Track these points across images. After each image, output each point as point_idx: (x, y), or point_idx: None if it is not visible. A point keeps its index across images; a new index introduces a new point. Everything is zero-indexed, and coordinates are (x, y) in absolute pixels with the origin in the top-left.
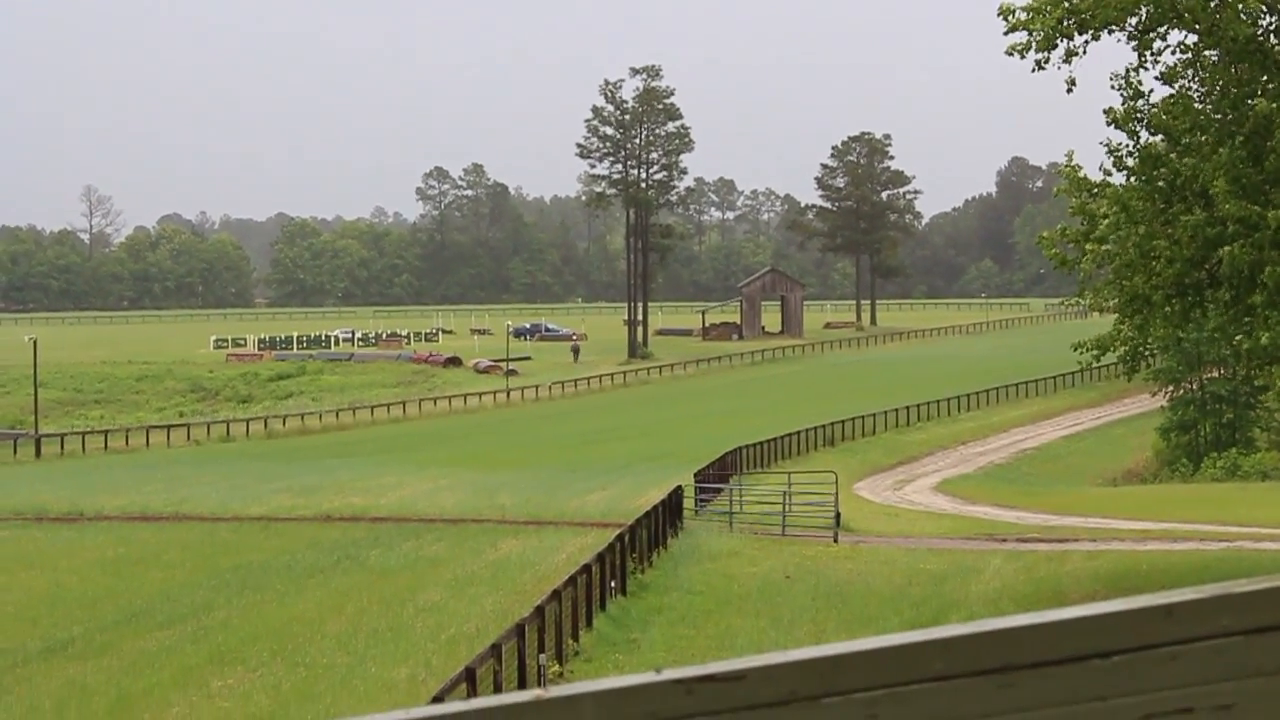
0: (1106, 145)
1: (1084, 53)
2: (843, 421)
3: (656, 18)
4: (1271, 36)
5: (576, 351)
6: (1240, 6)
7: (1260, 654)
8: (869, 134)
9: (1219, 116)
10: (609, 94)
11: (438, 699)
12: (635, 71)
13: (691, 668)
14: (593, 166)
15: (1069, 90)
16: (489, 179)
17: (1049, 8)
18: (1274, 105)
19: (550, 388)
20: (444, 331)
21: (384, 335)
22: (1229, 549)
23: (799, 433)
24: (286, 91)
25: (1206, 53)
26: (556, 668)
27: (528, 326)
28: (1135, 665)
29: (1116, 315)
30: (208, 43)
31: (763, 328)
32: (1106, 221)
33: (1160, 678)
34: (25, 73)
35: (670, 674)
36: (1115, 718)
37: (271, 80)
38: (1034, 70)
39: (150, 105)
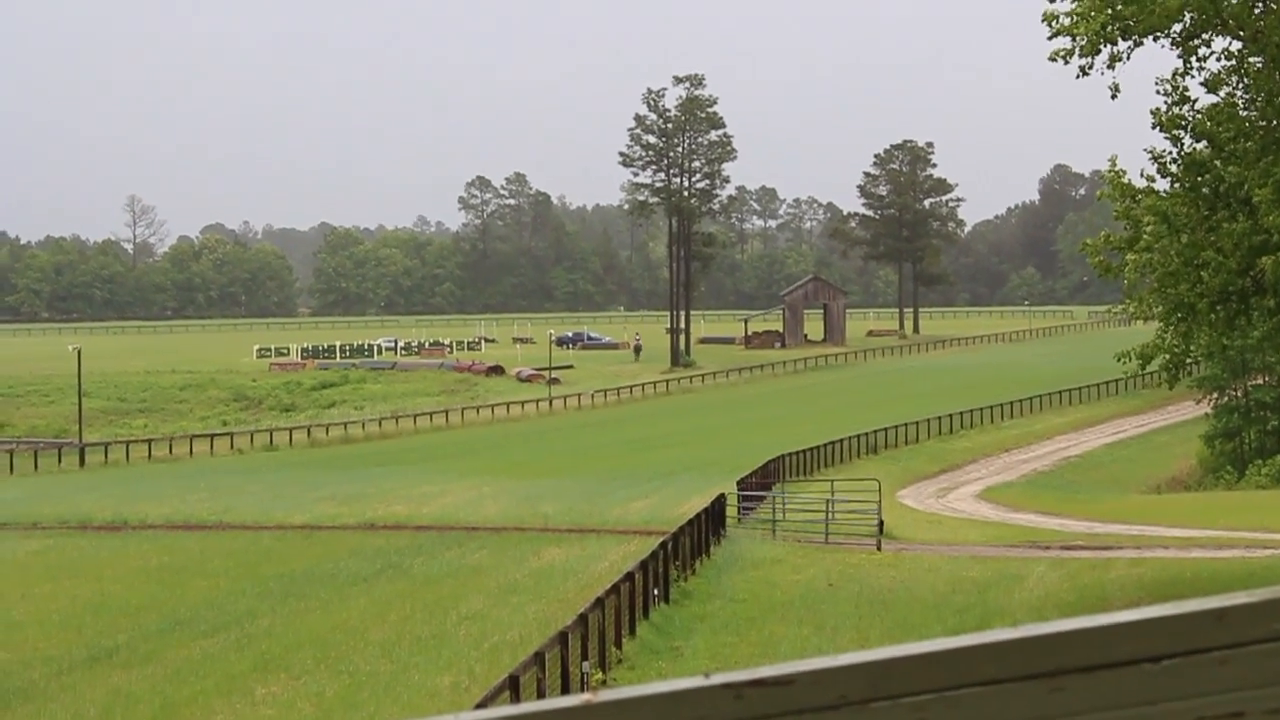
0: (1150, 152)
1: (1128, 59)
2: (886, 429)
3: (700, 28)
4: None
5: (638, 350)
6: None
7: None
8: (911, 142)
9: (1264, 124)
10: (652, 103)
11: (481, 706)
12: (678, 80)
13: (740, 672)
14: (635, 175)
15: (1114, 96)
16: (531, 188)
17: (1093, 13)
18: None
19: (592, 396)
20: (486, 340)
21: (426, 344)
22: (1275, 556)
23: (842, 441)
24: (329, 102)
25: (1251, 60)
26: (600, 675)
27: (570, 335)
28: (1186, 669)
29: (1159, 323)
30: (251, 54)
31: (805, 336)
32: (1151, 229)
33: (1211, 682)
34: (69, 85)
35: (719, 679)
36: None
37: (314, 91)
38: (1078, 76)
39: (194, 116)
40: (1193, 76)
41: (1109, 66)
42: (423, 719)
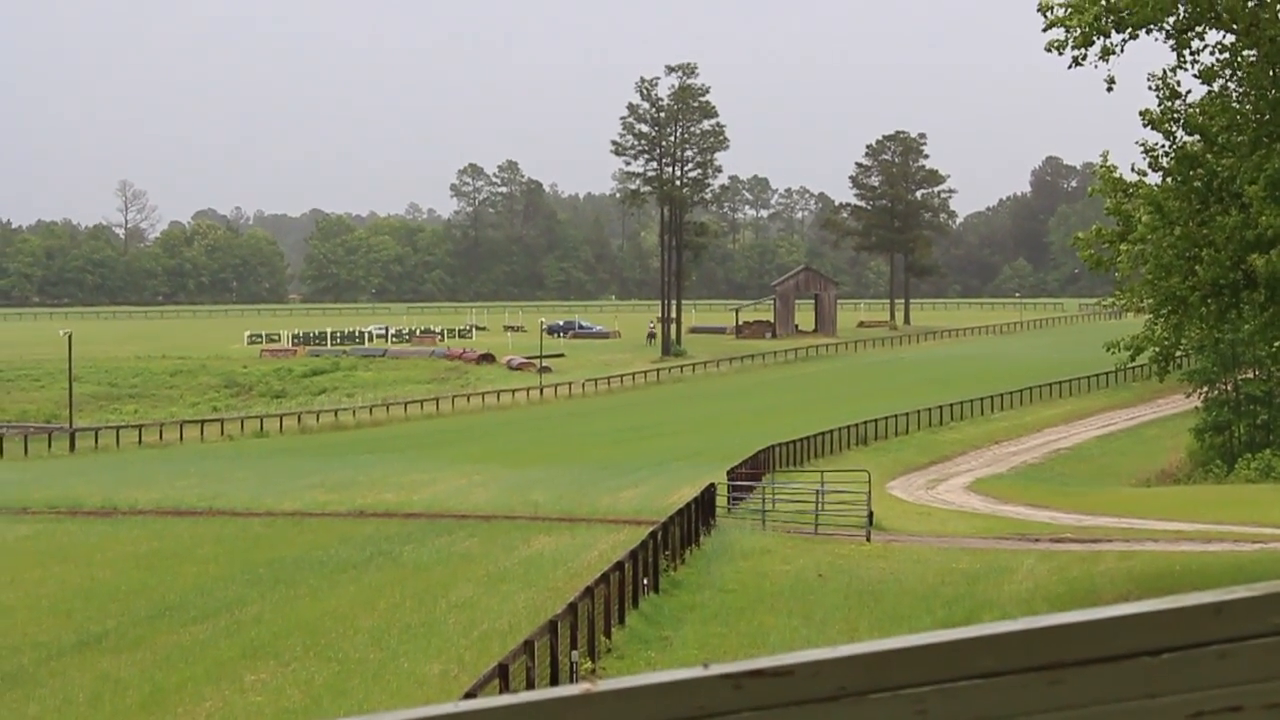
0: (1142, 145)
1: (1121, 51)
2: (876, 420)
3: (692, 17)
4: None
5: (652, 336)
6: (1279, 6)
7: None
8: (904, 133)
9: (1257, 117)
10: (644, 91)
11: (470, 695)
12: (670, 69)
13: (739, 663)
14: (627, 164)
15: (1109, 89)
16: (523, 176)
17: (1087, 5)
18: None
19: (583, 385)
20: (477, 328)
21: (417, 332)
22: (1264, 550)
23: (832, 431)
24: (322, 89)
25: (1245, 53)
26: (589, 664)
27: (561, 324)
28: (1184, 663)
29: (1149, 316)
30: (243, 40)
31: (796, 326)
32: (1144, 222)
33: (1209, 676)
34: (60, 70)
35: (718, 669)
36: (1164, 715)
37: (307, 77)
38: (1071, 67)
39: (186, 101)
40: (1186, 69)
41: (1102, 59)
42: (420, 707)
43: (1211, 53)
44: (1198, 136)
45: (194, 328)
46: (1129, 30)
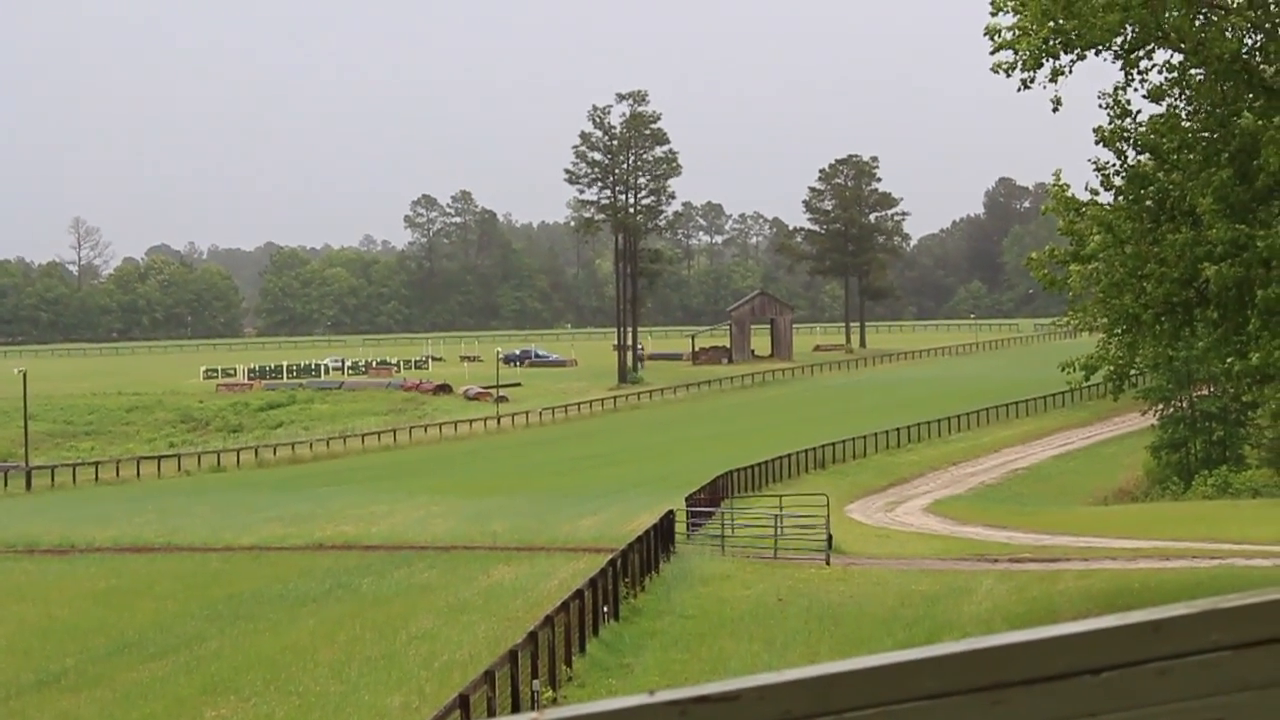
0: (1094, 164)
1: (1070, 72)
2: (833, 444)
3: (645, 44)
4: (1257, 55)
5: (641, 360)
6: (1226, 25)
7: (1249, 668)
8: (856, 156)
9: (1206, 135)
10: (597, 120)
11: None
12: (622, 97)
13: (685, 689)
14: (581, 192)
15: (1055, 109)
16: (477, 206)
17: (1035, 27)
18: (1260, 123)
19: (540, 414)
20: (433, 359)
21: (374, 363)
22: (1221, 566)
23: (789, 456)
24: (274, 121)
25: (1193, 71)
26: (550, 693)
27: (517, 353)
28: (1125, 681)
29: (1103, 335)
30: (195, 73)
31: (752, 351)
32: (1095, 240)
33: (1150, 693)
34: (12, 105)
35: (664, 696)
36: None
37: (260, 111)
38: (1020, 89)
39: (138, 137)
40: (1135, 89)
41: (1051, 80)
42: None
43: (1160, 72)
44: (1149, 155)
45: (149, 364)
46: (1077, 51)
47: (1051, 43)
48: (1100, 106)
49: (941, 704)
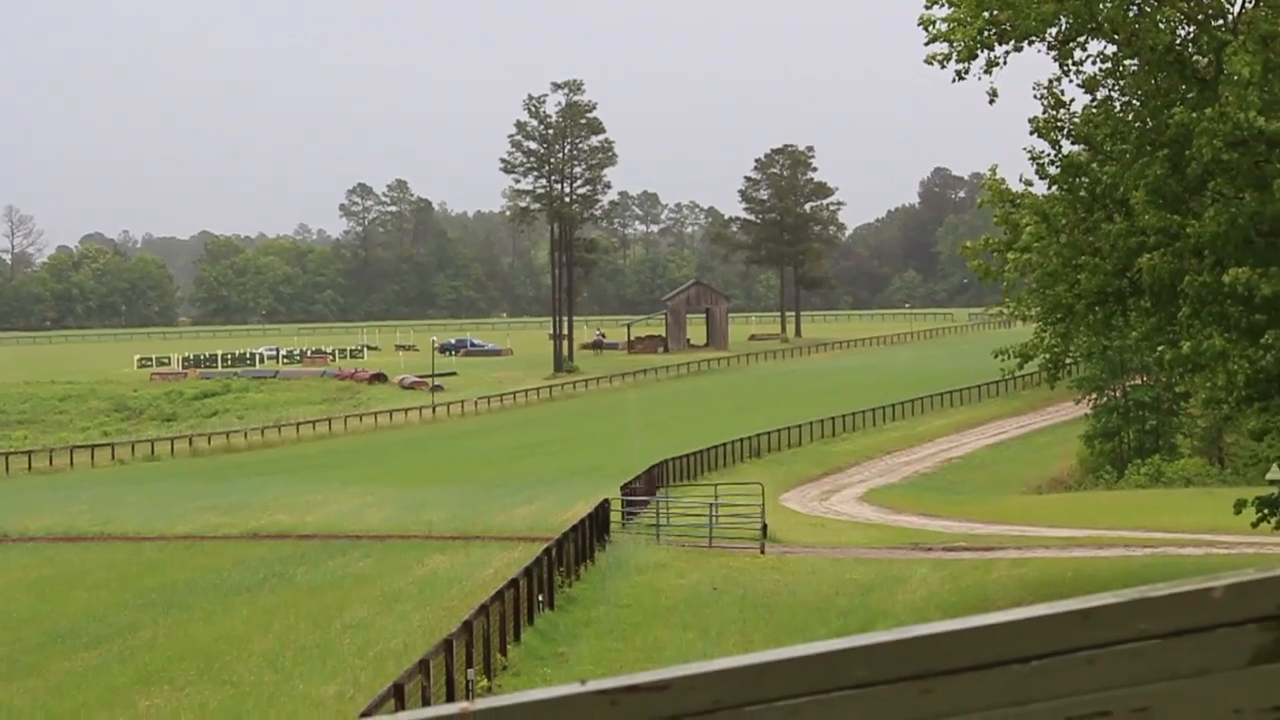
0: (1029, 153)
1: (1004, 63)
2: (769, 433)
3: (582, 32)
4: (1190, 46)
5: (599, 346)
6: (1159, 16)
7: (1176, 657)
8: (792, 146)
9: (1139, 125)
10: (533, 109)
11: (365, 715)
12: (557, 86)
13: (616, 679)
14: (517, 181)
15: (991, 101)
16: (413, 195)
17: (969, 19)
18: (1193, 115)
19: (476, 403)
20: (369, 348)
21: (309, 352)
22: (1154, 555)
23: (725, 445)
24: (208, 107)
25: (1126, 62)
26: (485, 683)
27: (453, 342)
28: (1053, 669)
29: (1038, 324)
30: (128, 58)
31: (688, 340)
32: (1029, 231)
33: (1078, 681)
34: None
35: (595, 685)
36: None
37: (193, 97)
38: (954, 80)
39: (71, 124)
40: (1070, 80)
41: (986, 71)
42: None
43: (1094, 62)
44: (1083, 145)
45: (83, 352)
46: (1012, 42)
47: (986, 34)
48: (1035, 97)
49: (871, 693)
